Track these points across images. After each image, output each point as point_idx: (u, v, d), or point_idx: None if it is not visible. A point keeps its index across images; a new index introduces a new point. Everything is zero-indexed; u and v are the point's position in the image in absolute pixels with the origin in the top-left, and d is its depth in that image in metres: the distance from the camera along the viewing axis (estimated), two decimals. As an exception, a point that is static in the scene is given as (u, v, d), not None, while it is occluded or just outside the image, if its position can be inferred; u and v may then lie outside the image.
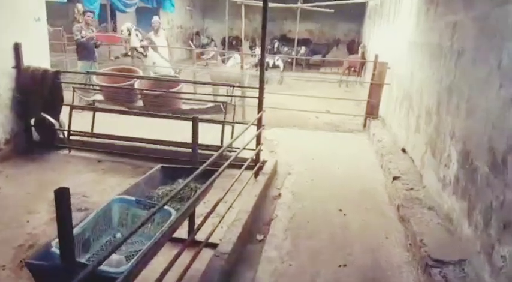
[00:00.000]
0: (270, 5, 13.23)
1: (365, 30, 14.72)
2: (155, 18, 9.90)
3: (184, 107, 5.80)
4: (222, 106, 5.35)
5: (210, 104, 5.50)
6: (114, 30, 15.87)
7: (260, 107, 4.71)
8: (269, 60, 13.24)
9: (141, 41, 7.93)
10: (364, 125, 7.57)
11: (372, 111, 7.41)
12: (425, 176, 4.34)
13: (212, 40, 18.36)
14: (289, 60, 14.07)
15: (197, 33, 18.04)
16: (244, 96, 5.36)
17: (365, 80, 12.08)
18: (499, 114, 2.65)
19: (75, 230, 1.99)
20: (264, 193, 4.36)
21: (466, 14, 3.53)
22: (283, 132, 7.39)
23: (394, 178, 4.54)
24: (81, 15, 11.08)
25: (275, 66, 13.36)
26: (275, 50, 16.12)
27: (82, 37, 7.63)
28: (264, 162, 5.21)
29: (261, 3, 4.50)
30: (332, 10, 12.99)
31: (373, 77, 7.27)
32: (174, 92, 5.24)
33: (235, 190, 3.61)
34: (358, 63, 12.22)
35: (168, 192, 2.77)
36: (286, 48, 15.59)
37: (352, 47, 16.62)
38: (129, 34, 7.76)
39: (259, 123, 4.70)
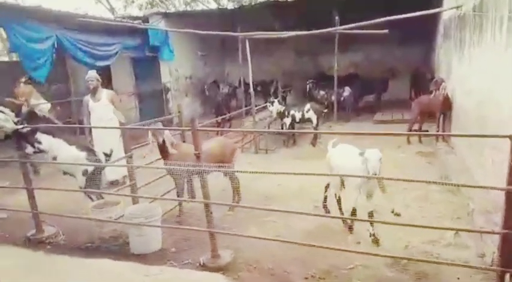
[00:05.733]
0: (297, 33, 9.12)
1: (439, 56, 10.10)
2: (90, 73, 6.32)
3: None
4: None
5: None
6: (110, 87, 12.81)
7: None
8: (295, 112, 9.06)
9: (18, 121, 4.23)
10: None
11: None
12: None
13: (236, 88, 14.69)
14: (326, 109, 9.74)
15: (214, 82, 14.49)
16: None
17: (453, 132, 7.41)
18: None
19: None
20: None
21: None
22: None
23: None
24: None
25: (305, 120, 9.14)
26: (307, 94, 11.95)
27: None
28: None
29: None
30: (386, 31, 8.66)
31: (513, 172, 2.77)
32: None
33: None
34: (438, 106, 7.63)
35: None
36: (322, 92, 11.28)
37: (419, 81, 11.94)
38: None
39: None
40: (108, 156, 4.67)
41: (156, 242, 4.15)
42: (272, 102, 9.14)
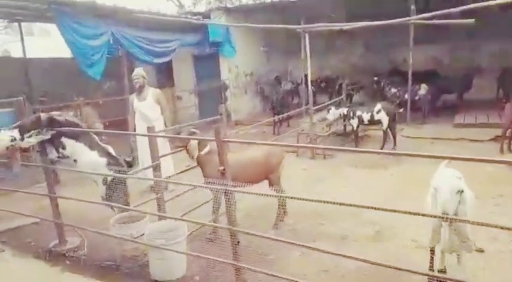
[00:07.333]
0: (363, 24, 7.84)
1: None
2: (136, 71, 6.01)
3: None
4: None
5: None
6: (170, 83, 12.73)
7: None
8: (362, 113, 8.03)
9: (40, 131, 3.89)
10: None
11: None
12: None
13: (298, 84, 13.80)
14: (400, 109, 8.51)
15: (276, 78, 13.76)
16: None
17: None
18: None
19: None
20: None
21: None
22: None
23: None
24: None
25: (375, 122, 8.05)
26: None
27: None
28: None
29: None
30: (472, 20, 7.31)
31: None
32: None
33: None
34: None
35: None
36: (394, 90, 10.01)
37: (508, 79, 10.18)
38: None
39: None
40: (130, 164, 4.20)
41: (179, 268, 3.57)
42: (329, 110, 8.24)
